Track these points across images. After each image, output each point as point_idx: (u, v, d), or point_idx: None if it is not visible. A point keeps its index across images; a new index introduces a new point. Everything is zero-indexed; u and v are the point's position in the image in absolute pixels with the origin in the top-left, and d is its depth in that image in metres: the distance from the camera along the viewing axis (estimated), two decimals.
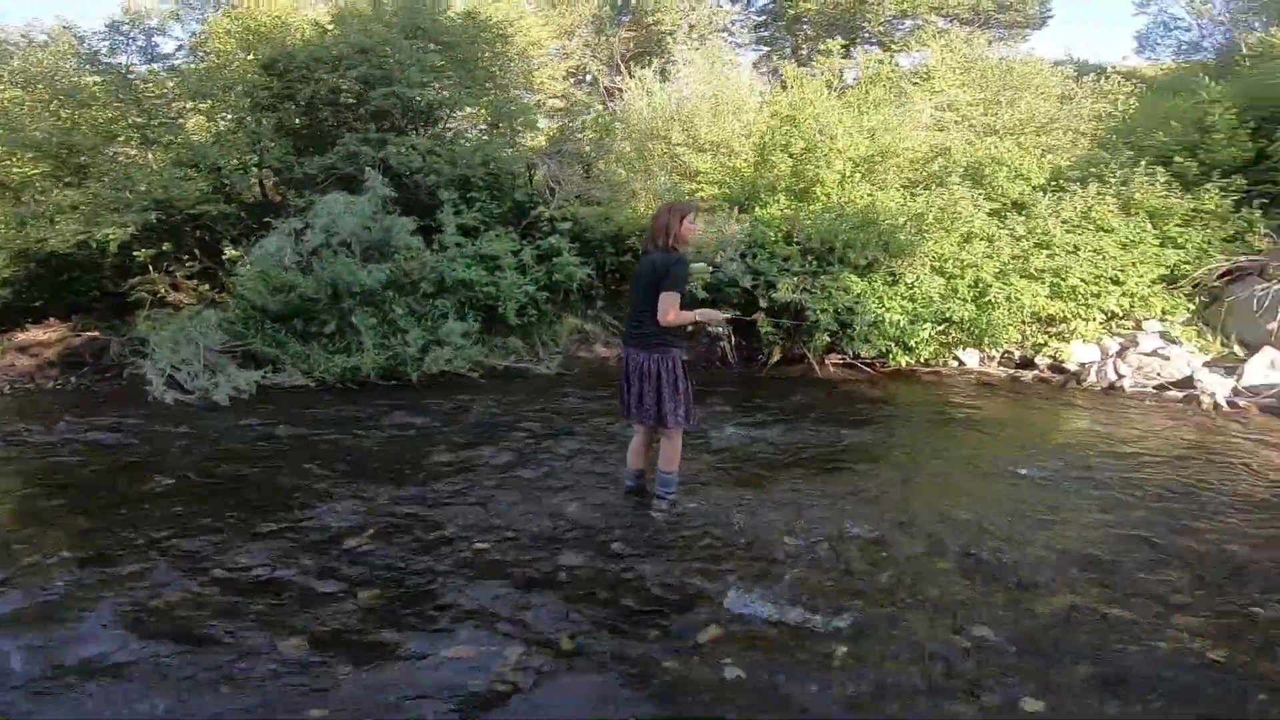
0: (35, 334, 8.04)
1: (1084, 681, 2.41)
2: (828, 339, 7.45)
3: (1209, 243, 7.89)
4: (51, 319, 8.28)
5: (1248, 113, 8.83)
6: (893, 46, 14.27)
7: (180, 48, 9.33)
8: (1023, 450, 5.21)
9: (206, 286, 8.72)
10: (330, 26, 9.17)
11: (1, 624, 2.77)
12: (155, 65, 8.53)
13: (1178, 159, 8.50)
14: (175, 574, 3.17)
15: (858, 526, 3.68)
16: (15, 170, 7.87)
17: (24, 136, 7.45)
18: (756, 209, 8.41)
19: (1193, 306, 7.78)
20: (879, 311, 7.24)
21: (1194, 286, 7.81)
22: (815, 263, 7.62)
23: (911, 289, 7.33)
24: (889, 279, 7.42)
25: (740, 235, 7.84)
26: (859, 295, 7.26)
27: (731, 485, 4.31)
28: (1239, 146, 8.57)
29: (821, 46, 11.70)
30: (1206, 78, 9.47)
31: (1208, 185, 8.05)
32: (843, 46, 12.12)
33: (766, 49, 19.59)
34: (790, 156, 8.55)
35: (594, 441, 5.16)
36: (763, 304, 7.58)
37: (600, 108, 11.92)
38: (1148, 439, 5.43)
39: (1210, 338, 7.52)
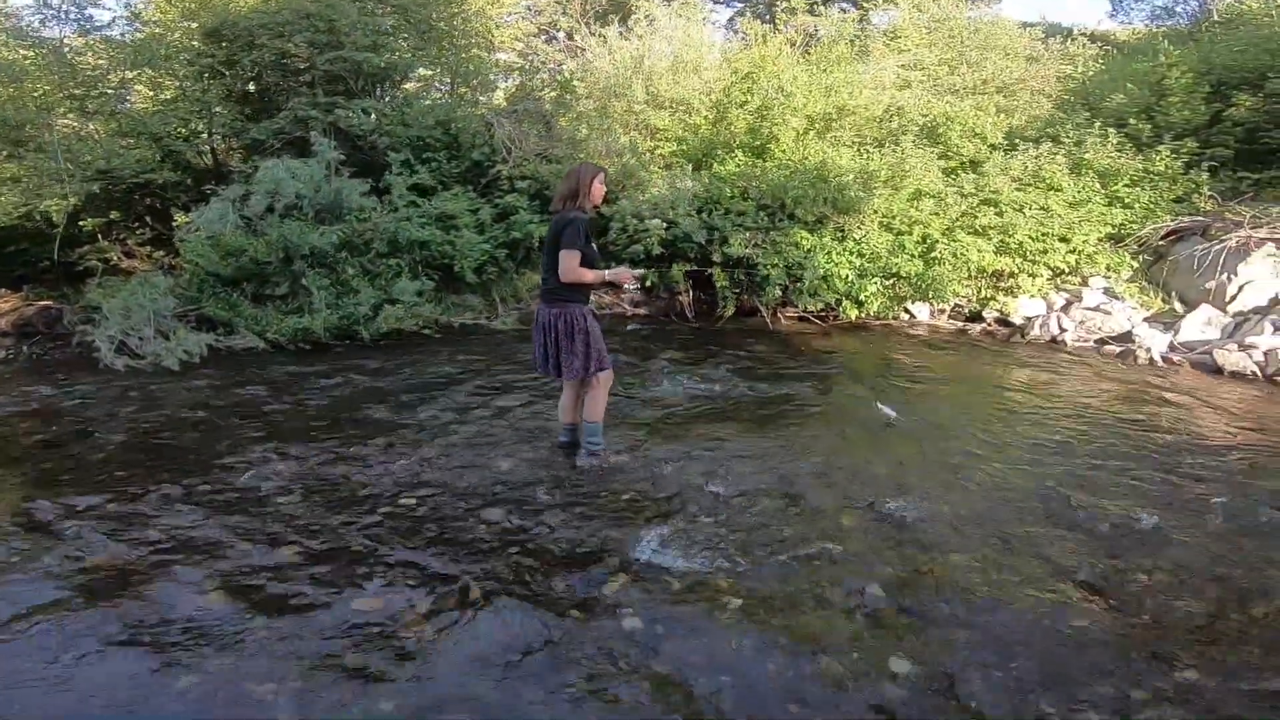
0: None
1: (955, 643, 2.49)
2: (779, 293, 7.54)
3: (1156, 203, 8.01)
4: (3, 290, 8.18)
5: (1207, 77, 8.90)
6: (865, 4, 14.00)
7: (115, 19, 9.05)
8: (954, 404, 5.38)
9: (161, 253, 8.64)
10: None
11: None
12: (93, 36, 8.29)
13: (1132, 121, 8.59)
14: (104, 536, 3.26)
15: (778, 480, 3.82)
16: None
17: None
18: (715, 165, 8.40)
19: (1136, 264, 7.93)
20: (828, 266, 7.32)
21: (1139, 245, 7.95)
22: (767, 219, 7.66)
23: (859, 245, 7.40)
24: (838, 235, 7.49)
25: (696, 191, 7.85)
26: (809, 251, 7.33)
27: (665, 438, 4.44)
28: (1193, 110, 8.66)
29: (784, 4, 11.48)
30: (1165, 41, 9.50)
31: (1159, 147, 8.13)
32: (812, 3, 11.92)
33: (742, 3, 19.15)
34: (748, 114, 8.49)
35: (535, 397, 5.26)
36: (716, 259, 7.64)
37: (570, 66, 11.69)
38: (1076, 393, 5.62)
39: (1152, 295, 7.69)
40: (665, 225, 7.48)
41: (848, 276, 7.37)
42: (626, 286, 3.97)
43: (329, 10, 8.32)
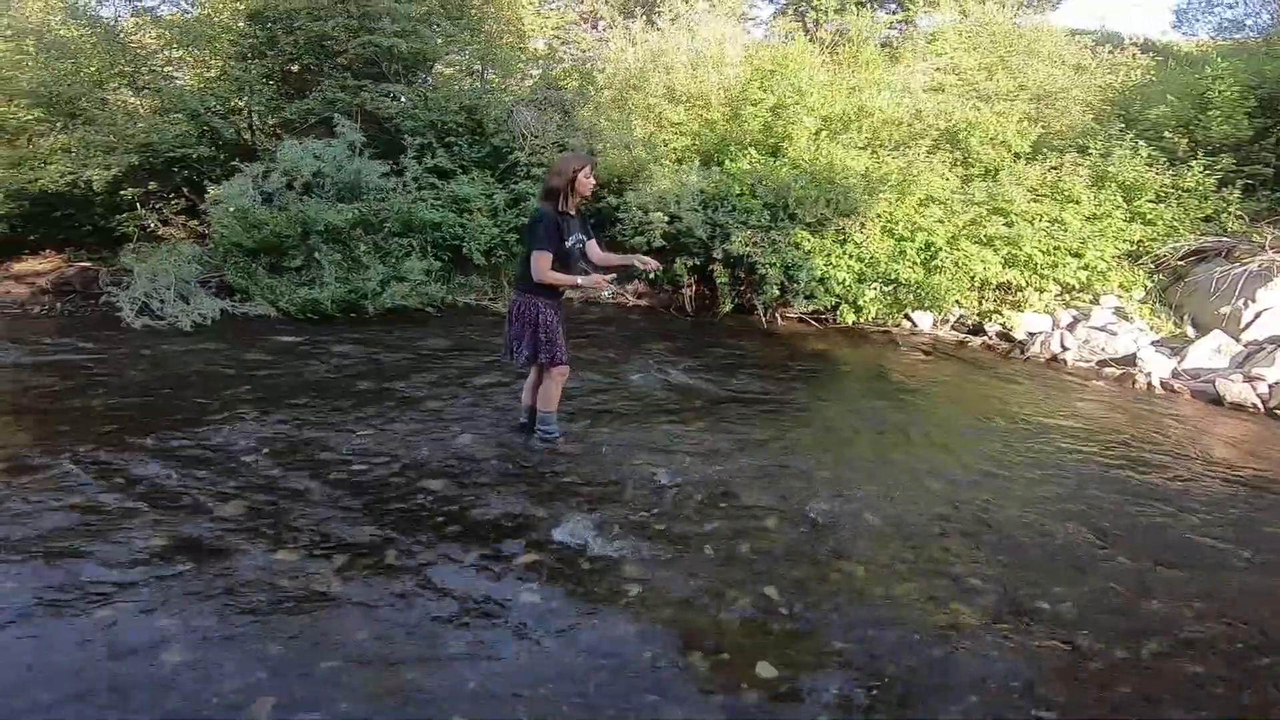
0: (31, 264, 8.54)
1: (829, 655, 2.50)
2: (777, 293, 7.55)
3: (1180, 221, 7.73)
4: (49, 251, 8.79)
5: (1256, 90, 8.53)
6: (910, 6, 13.72)
7: (164, 1, 9.57)
8: (924, 416, 5.35)
9: (195, 223, 9.11)
10: None
11: None
12: (142, 15, 8.80)
13: (1167, 134, 8.30)
14: (81, 480, 3.55)
15: (720, 476, 3.89)
16: (9, 115, 8.32)
17: (13, 86, 7.88)
18: (726, 162, 8.43)
19: (1151, 284, 7.68)
20: (825, 269, 7.31)
21: (1156, 264, 7.69)
22: (769, 218, 7.67)
23: (859, 248, 7.36)
24: (839, 238, 7.46)
25: (702, 186, 7.90)
26: (808, 252, 7.32)
27: (624, 427, 4.56)
28: (1235, 124, 8.30)
29: (816, 1, 11.36)
30: (1216, 54, 9.12)
31: (1192, 162, 7.84)
32: (845, 4, 11.76)
33: (785, 0, 18.92)
34: (763, 112, 8.49)
35: (516, 377, 5.42)
36: (716, 255, 7.70)
37: (596, 56, 11.81)
38: (1058, 414, 5.50)
39: (1164, 317, 7.44)
40: (668, 219, 7.56)
41: (845, 280, 7.34)
42: (599, 294, 4.02)
43: None
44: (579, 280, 3.81)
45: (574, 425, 4.43)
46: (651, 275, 7.83)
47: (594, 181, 3.83)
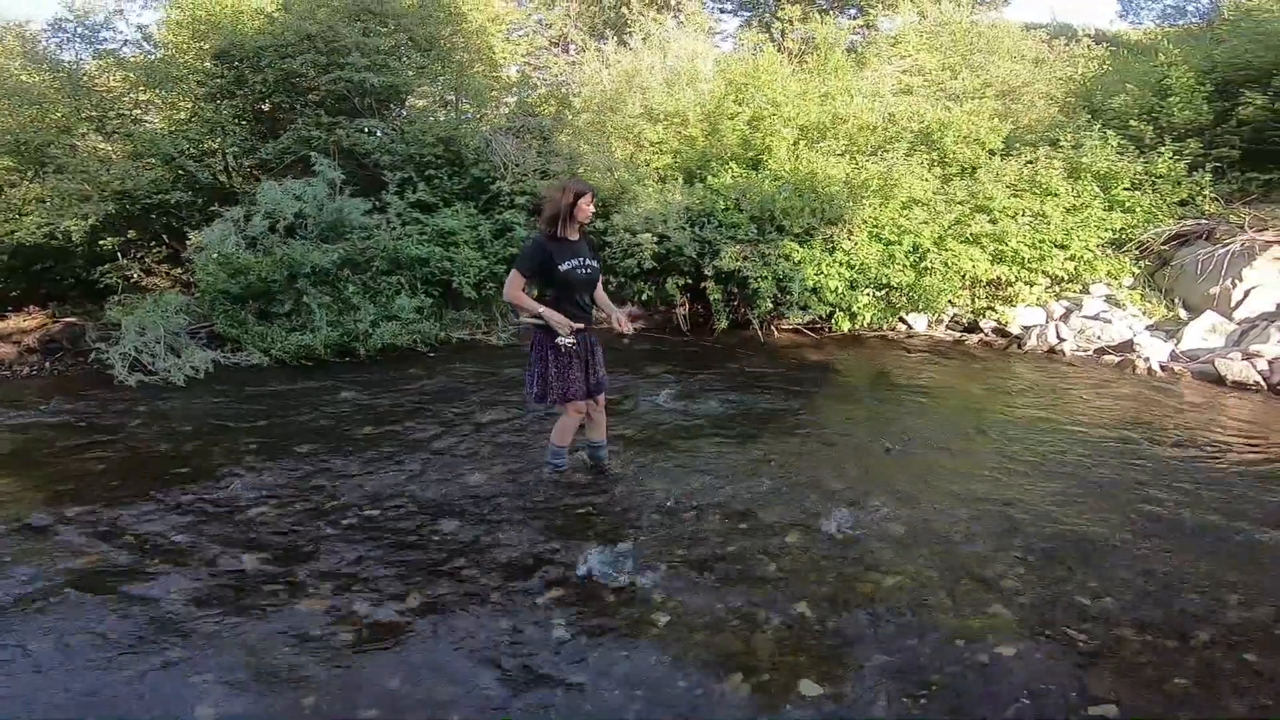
0: (16, 322, 8.41)
1: (869, 669, 2.47)
2: (771, 306, 7.57)
3: (1158, 207, 7.87)
4: (32, 307, 8.66)
5: (1210, 75, 8.74)
6: (871, 11, 13.99)
7: (126, 42, 9.50)
8: (932, 418, 5.35)
9: (178, 270, 9.02)
10: (276, 13, 9.27)
11: None
12: (104, 59, 8.72)
13: (1133, 122, 8.47)
14: (92, 539, 3.47)
15: (735, 496, 3.86)
16: None
17: None
18: (709, 178, 8.48)
19: (1139, 271, 7.80)
20: (817, 279, 7.34)
21: (1141, 250, 7.81)
22: (757, 231, 7.71)
23: (849, 255, 7.41)
24: (827, 246, 7.50)
25: (688, 204, 7.93)
26: (798, 263, 7.36)
27: (634, 453, 4.52)
28: (1195, 110, 8.49)
29: (780, 12, 11.54)
30: (1166, 41, 9.36)
31: (1161, 149, 8.00)
32: (809, 12, 11.98)
33: (749, 13, 19.22)
34: (740, 126, 8.57)
35: (514, 413, 5.39)
36: (708, 272, 7.71)
37: (569, 80, 11.90)
38: (1064, 405, 5.55)
39: (1155, 302, 7.55)
40: (656, 239, 7.58)
41: (838, 288, 7.38)
42: (558, 338, 3.71)
43: (329, 32, 8.63)
44: (540, 311, 3.58)
45: (582, 453, 4.39)
46: (639, 298, 7.86)
47: (593, 210, 3.75)
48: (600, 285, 3.90)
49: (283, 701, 2.33)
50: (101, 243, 8.27)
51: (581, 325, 3.67)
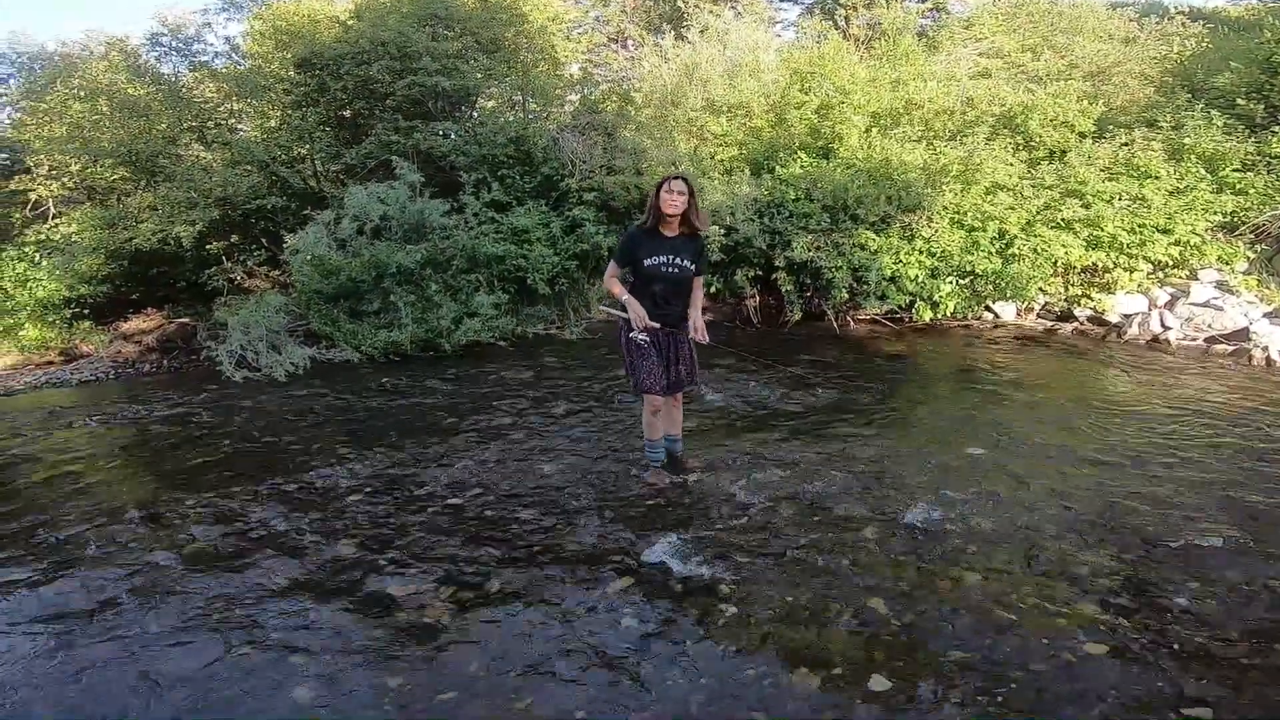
0: (136, 323, 9.23)
1: (945, 665, 2.41)
2: (846, 296, 7.42)
3: (1275, 188, 7.25)
4: (150, 309, 9.47)
5: None
6: None
7: (217, 54, 10.15)
8: (1021, 411, 5.14)
9: (277, 272, 9.65)
10: (351, 22, 9.71)
11: (81, 562, 3.45)
12: (200, 71, 9.35)
13: (1240, 101, 7.84)
14: (206, 527, 3.80)
15: (808, 489, 3.84)
16: (98, 176, 8.97)
17: (96, 147, 8.50)
18: (777, 168, 8.37)
19: (1254, 255, 7.23)
20: (895, 268, 7.14)
21: (1256, 234, 7.23)
22: (830, 220, 7.56)
23: (929, 243, 7.17)
24: (906, 234, 7.28)
25: (755, 195, 7.86)
26: (874, 252, 7.18)
27: (708, 446, 4.56)
28: None
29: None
30: (1270, 16, 8.61)
31: (1275, 128, 7.39)
32: None
33: (811, 0, 18.71)
34: (808, 115, 8.42)
35: (587, 404, 5.51)
36: (779, 263, 7.63)
37: (630, 75, 11.97)
38: (1171, 398, 5.22)
39: (1274, 287, 6.98)
40: (724, 231, 7.56)
41: (918, 277, 7.15)
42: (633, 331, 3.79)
43: (400, 38, 8.98)
44: (623, 299, 3.62)
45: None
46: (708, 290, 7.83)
47: (678, 197, 3.58)
48: (697, 287, 3.88)
49: (372, 684, 2.49)
50: (208, 247, 8.92)
51: (658, 325, 3.69)
